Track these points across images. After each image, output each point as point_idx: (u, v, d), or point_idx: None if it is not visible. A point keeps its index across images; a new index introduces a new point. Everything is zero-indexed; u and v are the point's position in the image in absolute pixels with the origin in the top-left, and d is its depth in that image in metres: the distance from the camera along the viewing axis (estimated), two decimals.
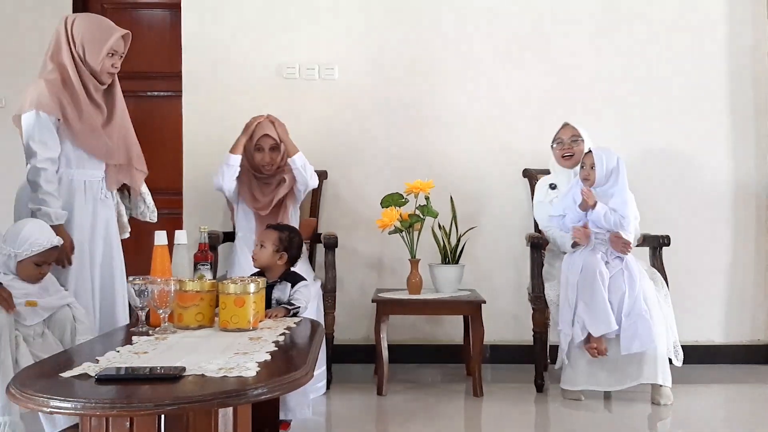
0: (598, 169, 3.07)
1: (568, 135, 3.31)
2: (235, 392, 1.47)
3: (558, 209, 3.21)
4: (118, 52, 2.69)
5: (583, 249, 3.05)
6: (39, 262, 2.30)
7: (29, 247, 2.27)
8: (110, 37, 2.63)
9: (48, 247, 2.31)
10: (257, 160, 3.26)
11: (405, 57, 3.77)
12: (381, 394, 3.12)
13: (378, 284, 3.66)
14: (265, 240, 2.46)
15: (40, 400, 1.39)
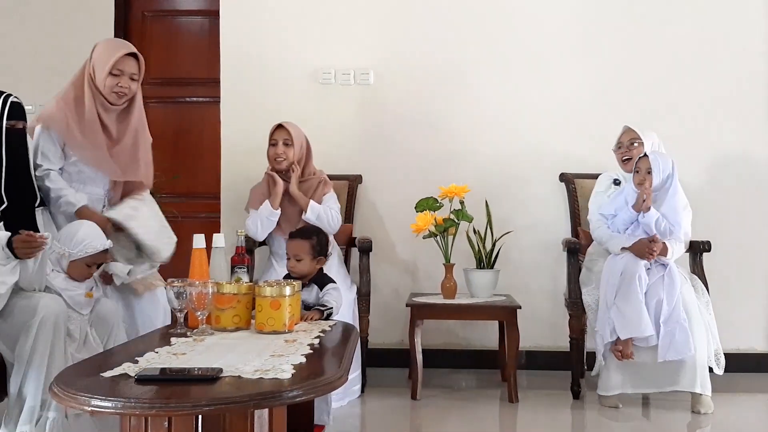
0: (655, 174, 3.02)
1: (628, 138, 3.26)
2: (270, 394, 1.48)
3: (610, 208, 3.15)
4: (125, 73, 2.69)
5: (625, 254, 3.01)
6: (90, 264, 2.37)
7: (83, 248, 2.34)
8: (114, 56, 2.66)
9: (100, 250, 2.37)
10: (270, 155, 3.25)
11: (440, 61, 3.77)
12: (415, 399, 3.12)
13: (412, 288, 3.66)
14: (300, 253, 2.45)
15: (82, 399, 1.43)
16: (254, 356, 1.73)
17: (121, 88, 2.69)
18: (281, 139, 3.24)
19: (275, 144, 3.25)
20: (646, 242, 2.98)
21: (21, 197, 2.42)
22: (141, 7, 4.55)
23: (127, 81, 2.70)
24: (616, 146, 3.29)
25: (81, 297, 2.33)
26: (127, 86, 2.71)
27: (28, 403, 2.13)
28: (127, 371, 1.58)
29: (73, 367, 1.81)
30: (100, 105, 2.69)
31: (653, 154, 3.05)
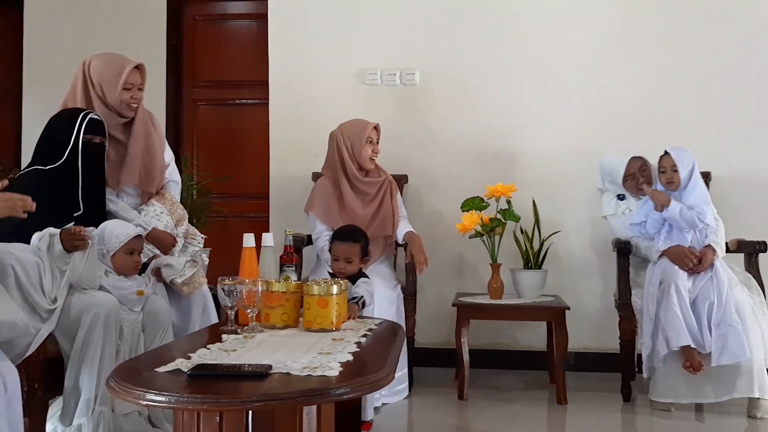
0: (681, 171, 2.96)
1: (637, 167, 3.21)
2: (318, 391, 1.50)
3: (638, 216, 3.10)
4: (135, 85, 2.75)
5: (662, 261, 2.95)
6: (129, 251, 2.45)
7: (116, 240, 2.43)
8: (123, 72, 2.70)
9: (132, 236, 2.46)
10: (368, 154, 3.25)
11: (486, 60, 3.75)
12: (462, 399, 3.11)
13: (458, 288, 3.65)
14: (351, 256, 2.55)
15: (137, 393, 1.47)
16: (302, 353, 1.76)
17: (134, 99, 2.76)
18: (376, 137, 3.29)
19: (372, 142, 3.27)
20: (683, 250, 2.91)
21: (99, 206, 2.55)
22: (192, 12, 4.65)
23: (137, 92, 2.78)
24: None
25: (132, 295, 2.40)
26: (138, 97, 2.79)
27: (84, 397, 2.21)
28: (181, 367, 1.61)
29: (129, 362, 1.86)
30: (110, 122, 2.70)
31: (674, 150, 2.99)
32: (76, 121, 2.50)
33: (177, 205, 2.90)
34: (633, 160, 3.23)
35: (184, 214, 2.90)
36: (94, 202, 2.56)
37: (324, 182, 3.30)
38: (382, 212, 3.25)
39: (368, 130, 3.25)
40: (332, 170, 3.29)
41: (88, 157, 2.52)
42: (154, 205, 2.81)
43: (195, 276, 2.75)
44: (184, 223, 2.88)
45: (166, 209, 2.82)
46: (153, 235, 2.71)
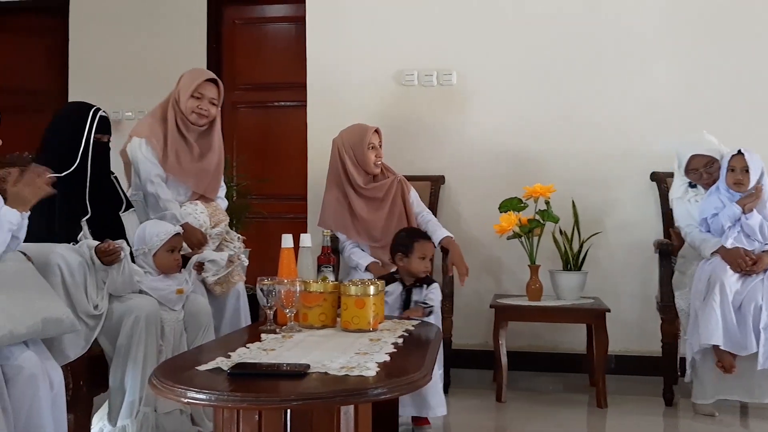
0: (752, 174, 2.88)
1: (701, 164, 3.09)
2: (356, 391, 1.51)
3: (708, 209, 3.00)
4: (205, 96, 2.88)
5: (714, 258, 2.88)
6: (170, 249, 2.49)
7: (157, 239, 2.46)
8: (195, 82, 2.87)
9: (172, 234, 2.50)
10: (371, 159, 3.16)
11: (524, 60, 3.72)
12: (500, 401, 3.09)
13: (496, 290, 3.62)
14: (428, 252, 2.66)
15: (179, 391, 1.50)
16: (340, 353, 1.77)
17: (201, 109, 2.88)
18: (377, 142, 3.19)
19: (374, 147, 3.17)
20: (739, 251, 2.84)
21: (106, 205, 2.57)
22: (232, 16, 4.72)
23: (207, 104, 2.89)
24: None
25: (172, 294, 2.44)
26: (207, 109, 2.89)
27: (128, 398, 2.26)
28: (221, 365, 1.64)
29: (171, 361, 1.90)
30: (182, 123, 2.87)
31: (748, 152, 2.91)
32: (86, 118, 2.49)
33: (219, 210, 2.96)
34: (694, 158, 3.10)
35: (225, 219, 2.96)
36: (107, 201, 2.57)
37: (331, 194, 3.21)
38: (396, 214, 3.19)
39: (368, 136, 3.15)
40: (337, 180, 3.22)
41: (97, 158, 2.51)
42: (198, 205, 2.87)
43: (229, 276, 2.80)
44: (222, 225, 2.92)
45: (207, 211, 2.87)
46: (183, 228, 2.71)
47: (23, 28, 4.89)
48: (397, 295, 2.61)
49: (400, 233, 2.77)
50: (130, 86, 4.50)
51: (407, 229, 2.83)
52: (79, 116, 2.50)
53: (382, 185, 3.21)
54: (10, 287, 1.88)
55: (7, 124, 2.05)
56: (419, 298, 2.59)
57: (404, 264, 2.64)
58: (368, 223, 3.15)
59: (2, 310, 1.79)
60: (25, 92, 4.67)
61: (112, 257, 2.26)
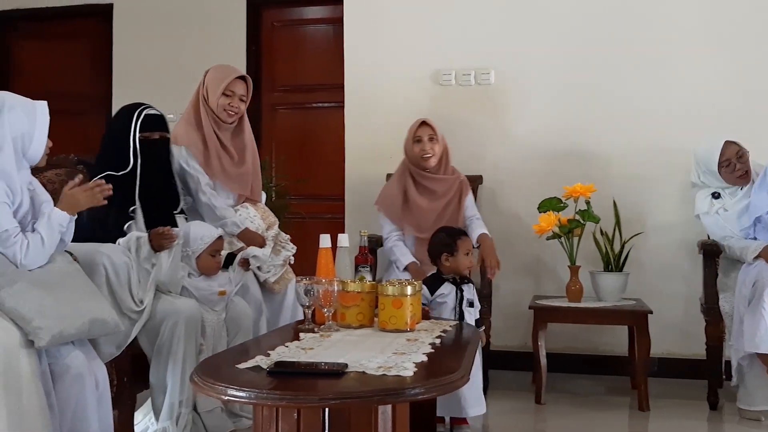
0: None
1: (734, 153, 3.05)
2: (393, 390, 1.51)
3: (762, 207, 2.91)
4: (236, 94, 2.87)
5: (759, 262, 2.81)
6: (212, 253, 2.52)
7: (201, 241, 2.50)
8: (226, 79, 2.85)
9: (215, 237, 2.53)
10: (416, 152, 3.20)
11: (563, 58, 3.67)
12: (539, 403, 3.06)
13: (535, 290, 3.59)
14: (470, 248, 2.67)
15: (219, 389, 1.52)
16: (377, 353, 1.77)
17: (231, 107, 2.88)
18: (426, 135, 3.20)
19: (420, 140, 3.20)
20: None
21: (161, 202, 2.61)
22: (270, 18, 4.77)
23: (237, 101, 2.89)
24: (721, 166, 3.06)
25: (214, 296, 2.48)
26: (237, 106, 2.90)
27: (168, 400, 2.30)
28: (260, 363, 1.66)
29: (212, 359, 1.93)
30: (215, 123, 2.88)
31: None
32: (131, 119, 2.54)
33: (268, 212, 3.01)
34: (728, 144, 3.07)
35: (275, 221, 3.00)
36: (162, 198, 2.61)
37: (393, 179, 3.32)
38: (449, 211, 3.20)
39: (414, 129, 3.21)
40: (404, 166, 3.30)
41: (146, 156, 2.55)
42: (248, 208, 2.92)
43: (285, 274, 2.84)
44: (275, 227, 2.96)
45: (258, 214, 2.92)
46: (245, 235, 2.81)
47: (69, 33, 5.02)
48: (453, 295, 2.61)
49: (439, 234, 2.77)
50: (172, 89, 4.55)
51: (443, 229, 2.82)
52: (126, 115, 2.57)
53: (444, 180, 3.23)
54: (59, 288, 1.93)
55: (55, 126, 2.10)
56: (470, 295, 2.60)
57: (450, 263, 2.64)
58: (421, 212, 3.17)
59: (53, 311, 1.84)
60: (72, 96, 4.79)
61: (165, 241, 2.32)
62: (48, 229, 1.98)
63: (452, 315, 2.56)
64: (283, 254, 2.90)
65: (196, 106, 2.91)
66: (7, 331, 1.76)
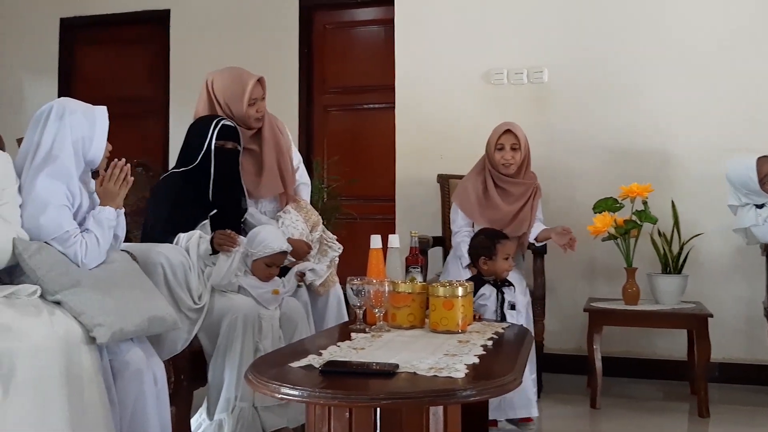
0: None
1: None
2: (444, 392, 1.51)
3: None
4: (259, 99, 2.86)
5: None
6: (269, 263, 2.55)
7: (262, 249, 2.53)
8: (246, 89, 2.78)
9: (277, 251, 2.54)
10: (497, 159, 3.13)
11: (618, 55, 3.59)
12: (594, 407, 3.00)
13: (590, 293, 3.52)
14: (511, 252, 2.65)
15: (273, 387, 1.54)
16: (428, 354, 1.77)
17: (259, 112, 2.86)
18: (509, 144, 3.12)
19: (502, 148, 3.12)
20: None
21: (229, 207, 2.67)
22: (322, 21, 4.81)
23: (261, 103, 2.88)
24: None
25: (268, 294, 2.51)
26: (262, 108, 2.88)
27: (224, 394, 2.34)
28: (313, 362, 1.67)
29: (266, 357, 1.96)
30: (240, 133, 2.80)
31: None
32: (209, 127, 2.63)
33: (312, 211, 3.00)
34: (762, 159, 2.97)
35: (319, 220, 3.00)
36: (228, 203, 2.67)
37: (471, 176, 3.23)
38: (522, 213, 3.16)
39: (498, 135, 3.13)
40: (483, 165, 3.22)
41: (219, 161, 2.62)
42: (291, 212, 2.92)
43: (330, 276, 2.86)
44: (319, 228, 2.97)
45: (302, 217, 2.93)
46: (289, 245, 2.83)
47: (128, 38, 5.17)
48: (494, 298, 2.59)
49: (479, 236, 2.74)
50: None
51: (484, 231, 2.78)
52: (204, 124, 2.66)
53: (522, 184, 3.18)
54: (119, 287, 1.99)
55: (114, 130, 2.17)
56: (511, 298, 2.59)
57: (488, 267, 2.62)
58: (497, 211, 3.12)
59: (113, 309, 1.90)
60: (131, 100, 4.93)
61: (226, 244, 2.37)
62: (98, 227, 2.03)
63: (493, 317, 2.54)
64: (330, 255, 2.91)
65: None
66: (70, 328, 1.82)
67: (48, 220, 1.96)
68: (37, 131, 2.05)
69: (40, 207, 1.96)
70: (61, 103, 2.09)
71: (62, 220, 1.98)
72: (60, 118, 2.05)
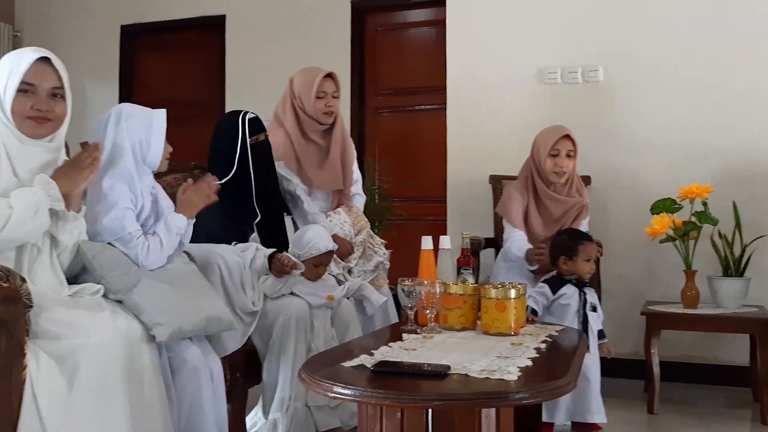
0: None
1: None
2: (497, 394, 1.50)
3: None
4: (329, 93, 2.89)
5: None
6: (317, 264, 2.57)
7: (309, 249, 2.56)
8: (315, 81, 2.86)
9: (324, 251, 2.57)
10: (549, 167, 2.95)
11: (676, 51, 3.50)
12: (652, 413, 2.93)
13: (648, 296, 3.43)
14: (593, 254, 2.62)
15: (325, 386, 1.55)
16: (480, 356, 1.76)
17: (329, 107, 2.90)
18: (565, 150, 2.95)
19: (557, 155, 2.94)
20: None
21: (272, 206, 2.70)
22: (374, 23, 4.84)
23: (331, 99, 2.92)
24: None
25: (323, 300, 2.54)
26: (333, 104, 2.92)
27: (278, 394, 2.38)
28: (365, 362, 1.69)
29: (318, 356, 1.98)
30: (311, 128, 2.91)
31: None
32: (237, 124, 2.62)
33: (360, 216, 3.03)
34: None
35: (366, 224, 3.03)
36: (270, 204, 2.69)
37: (515, 186, 3.07)
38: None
39: (554, 141, 2.94)
40: (527, 175, 3.04)
41: (256, 160, 2.63)
42: (341, 213, 2.96)
43: (376, 279, 2.87)
44: (365, 231, 2.99)
45: (350, 220, 2.96)
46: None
47: (185, 44, 5.31)
48: (576, 298, 2.56)
49: (561, 236, 2.71)
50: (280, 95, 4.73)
51: (568, 231, 2.74)
52: (231, 124, 2.66)
53: (566, 202, 2.99)
54: (178, 287, 2.04)
55: (173, 133, 2.23)
56: (592, 299, 2.55)
57: (568, 267, 2.59)
58: (534, 232, 2.98)
59: (172, 309, 1.95)
60: (188, 103, 5.06)
61: (283, 273, 2.42)
62: (166, 232, 2.09)
63: (576, 318, 2.50)
64: (375, 259, 2.92)
65: (291, 110, 2.92)
66: (131, 326, 1.87)
67: (111, 221, 2.03)
68: (98, 136, 2.13)
69: (104, 208, 2.03)
70: (120, 108, 2.16)
71: (125, 221, 2.05)
72: (117, 123, 2.12)
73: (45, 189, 1.81)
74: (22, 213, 1.76)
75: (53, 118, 1.90)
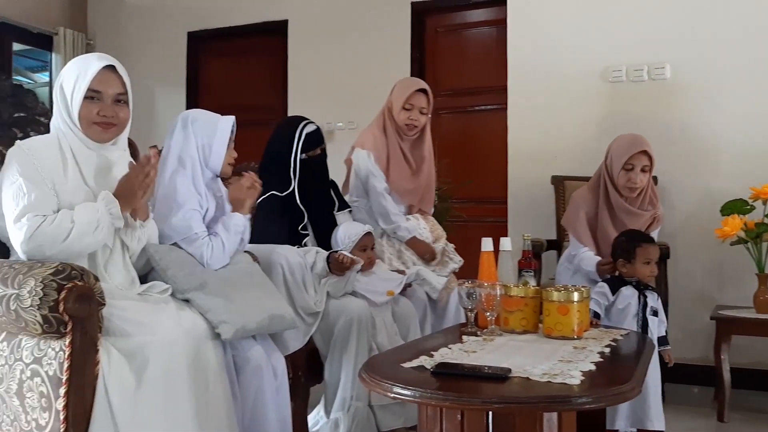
0: None
1: None
2: (559, 398, 1.48)
3: None
4: (416, 107, 2.94)
5: None
6: (362, 248, 2.62)
7: (349, 240, 2.62)
8: (407, 92, 2.94)
9: (362, 234, 2.63)
10: (622, 182, 2.81)
11: (747, 45, 3.36)
12: (722, 421, 2.83)
13: (718, 300, 3.31)
14: (653, 256, 2.56)
15: (386, 386, 1.56)
16: (542, 359, 1.74)
17: (412, 120, 2.95)
18: (640, 166, 2.80)
19: (631, 169, 2.80)
20: None
21: (320, 207, 2.76)
22: (434, 24, 4.83)
23: (417, 114, 2.96)
24: None
25: (383, 297, 2.56)
26: (417, 119, 2.96)
27: (340, 393, 2.41)
28: (424, 364, 1.69)
29: (379, 356, 2.00)
30: (398, 134, 2.98)
31: None
32: (294, 138, 2.66)
33: (436, 225, 3.09)
34: None
35: (443, 234, 3.07)
36: (317, 206, 2.73)
37: (584, 195, 2.93)
38: None
39: (629, 156, 2.78)
40: (596, 182, 2.92)
41: (308, 173, 2.67)
42: (419, 219, 3.00)
43: (449, 283, 2.88)
44: (442, 240, 3.02)
45: (428, 226, 2.99)
46: (413, 243, 2.90)
47: (249, 49, 5.42)
48: (635, 300, 2.50)
49: (620, 238, 2.64)
50: (341, 98, 4.79)
51: (627, 232, 2.66)
52: (288, 134, 2.70)
53: (641, 215, 2.85)
54: (242, 286, 2.09)
55: (237, 137, 2.29)
56: (654, 303, 2.48)
57: (627, 270, 2.53)
58: (606, 241, 2.82)
59: (237, 307, 2.00)
60: (252, 108, 5.16)
61: (343, 269, 2.46)
62: (225, 232, 2.16)
63: (635, 322, 2.44)
64: (450, 266, 2.95)
65: (383, 116, 3.02)
66: (197, 324, 1.93)
67: (179, 221, 2.10)
68: (168, 139, 2.23)
69: (172, 209, 2.11)
70: (187, 113, 2.26)
71: (192, 222, 2.12)
72: (184, 127, 2.21)
73: (107, 207, 1.88)
74: (83, 226, 1.83)
75: (117, 123, 1.98)
